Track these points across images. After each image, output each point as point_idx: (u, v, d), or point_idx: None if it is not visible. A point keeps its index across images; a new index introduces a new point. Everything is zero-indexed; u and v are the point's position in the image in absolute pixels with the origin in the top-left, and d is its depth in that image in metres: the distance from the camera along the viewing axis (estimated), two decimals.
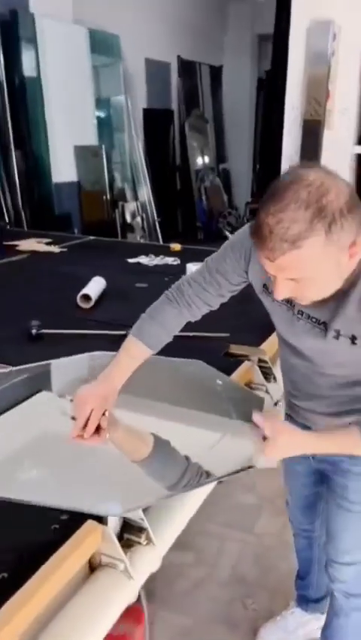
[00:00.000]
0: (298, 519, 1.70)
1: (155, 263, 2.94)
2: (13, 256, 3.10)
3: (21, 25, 4.92)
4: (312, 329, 1.16)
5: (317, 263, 0.95)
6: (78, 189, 5.79)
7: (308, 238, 0.91)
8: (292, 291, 1.02)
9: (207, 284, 1.33)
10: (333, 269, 0.98)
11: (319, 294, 1.05)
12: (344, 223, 0.92)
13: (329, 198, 0.91)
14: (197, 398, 1.59)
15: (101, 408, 1.27)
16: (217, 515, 2.50)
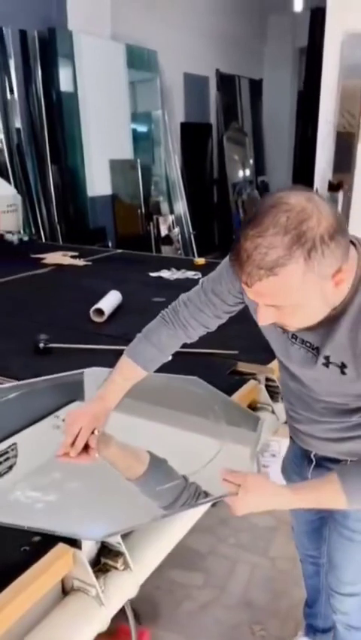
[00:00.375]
0: (304, 544, 1.65)
1: (176, 277, 2.93)
2: (37, 269, 3.14)
3: (59, 42, 5.03)
4: (305, 354, 1.12)
5: (296, 291, 0.91)
6: (113, 203, 5.85)
7: (286, 265, 0.87)
8: (275, 317, 0.98)
9: (203, 305, 1.30)
10: (316, 297, 0.94)
11: (304, 322, 1.02)
12: (325, 250, 0.87)
13: (309, 224, 0.87)
14: (192, 417, 1.57)
15: (90, 427, 1.26)
16: (230, 536, 2.45)
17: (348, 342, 1.03)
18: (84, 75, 5.25)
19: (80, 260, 3.35)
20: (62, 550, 1.00)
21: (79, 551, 1.02)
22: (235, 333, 2.08)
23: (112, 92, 5.64)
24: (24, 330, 2.11)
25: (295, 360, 1.16)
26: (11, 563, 0.97)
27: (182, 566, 2.26)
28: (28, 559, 0.97)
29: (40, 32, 4.98)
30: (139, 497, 1.22)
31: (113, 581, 1.06)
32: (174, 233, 6.25)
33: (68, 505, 1.16)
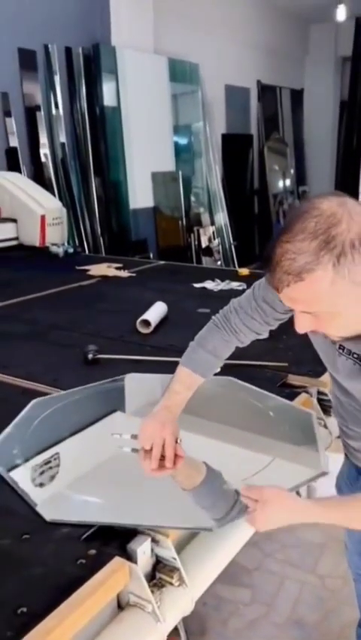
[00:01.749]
0: (356, 563, 1.60)
1: (220, 288, 2.91)
2: (83, 281, 3.17)
3: (103, 58, 5.12)
4: (353, 366, 1.08)
5: (327, 297, 0.88)
6: (154, 215, 5.89)
7: (314, 271, 0.86)
8: (312, 324, 0.96)
9: (253, 311, 1.29)
10: (352, 305, 0.90)
11: (344, 331, 0.98)
12: (357, 256, 0.85)
13: (338, 229, 0.85)
14: (243, 418, 1.56)
15: (173, 436, 1.24)
16: (278, 552, 2.40)
17: None
18: (127, 89, 5.32)
19: (124, 271, 3.37)
20: (118, 564, 0.98)
21: (135, 565, 1.00)
22: (285, 344, 2.06)
23: (154, 105, 5.70)
24: (73, 341, 2.12)
25: (342, 372, 1.13)
26: (68, 576, 0.96)
27: (228, 581, 2.23)
28: (84, 572, 0.96)
29: (85, 49, 5.08)
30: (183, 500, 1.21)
31: (168, 597, 1.04)
32: (214, 245, 6.25)
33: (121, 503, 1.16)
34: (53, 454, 1.33)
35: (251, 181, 7.74)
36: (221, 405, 1.69)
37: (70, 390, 1.68)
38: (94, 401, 1.66)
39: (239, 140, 7.38)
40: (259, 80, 7.48)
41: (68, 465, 1.31)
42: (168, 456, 1.21)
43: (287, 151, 8.10)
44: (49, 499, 1.19)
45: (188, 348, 1.37)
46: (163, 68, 5.75)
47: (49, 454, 1.32)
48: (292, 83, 8.24)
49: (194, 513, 1.14)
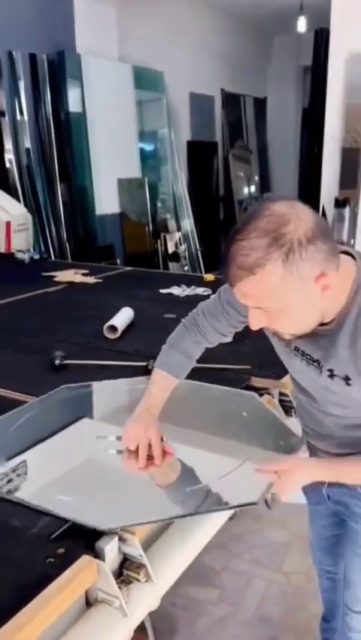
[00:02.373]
0: (321, 560, 1.64)
1: (186, 293, 2.96)
2: (49, 287, 3.18)
3: (68, 65, 5.14)
4: (308, 366, 1.15)
5: (277, 292, 0.95)
6: (121, 221, 5.92)
7: (264, 266, 0.92)
8: (265, 321, 1.02)
9: (219, 314, 1.36)
10: (301, 300, 0.97)
11: (294, 328, 1.05)
12: (303, 253, 0.92)
13: (287, 228, 0.92)
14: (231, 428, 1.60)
15: (157, 435, 1.32)
16: (245, 552, 2.45)
17: (349, 356, 1.06)
18: (92, 96, 5.35)
19: (90, 277, 3.39)
20: (86, 562, 1.01)
21: (102, 563, 1.03)
22: (248, 348, 2.11)
23: (120, 112, 5.73)
24: (40, 347, 2.14)
25: (299, 372, 1.20)
26: (37, 575, 0.98)
27: (197, 582, 2.27)
28: (53, 571, 0.99)
29: (50, 55, 5.09)
30: (159, 497, 1.26)
31: (135, 593, 1.08)
32: (181, 250, 6.31)
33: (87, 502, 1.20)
34: (20, 462, 1.34)
35: (216, 187, 7.84)
36: (184, 409, 1.74)
37: (34, 401, 1.68)
38: (61, 408, 1.68)
39: (204, 147, 7.47)
40: (223, 88, 7.58)
41: (36, 473, 1.32)
42: (157, 454, 1.30)
43: (251, 158, 8.22)
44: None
45: (161, 352, 1.44)
46: (128, 75, 5.80)
47: (15, 462, 1.33)
48: (255, 92, 8.38)
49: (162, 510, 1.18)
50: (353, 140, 4.25)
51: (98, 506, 1.18)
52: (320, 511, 1.49)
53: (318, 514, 1.51)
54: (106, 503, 1.20)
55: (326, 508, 1.43)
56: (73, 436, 1.52)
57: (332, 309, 1.03)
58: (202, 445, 1.48)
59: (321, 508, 1.46)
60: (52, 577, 0.98)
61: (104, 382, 1.81)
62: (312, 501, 1.49)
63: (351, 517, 1.33)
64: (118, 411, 1.77)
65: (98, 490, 1.26)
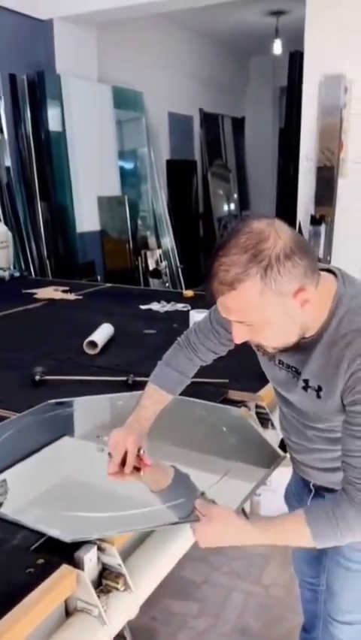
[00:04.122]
0: (303, 571, 1.65)
1: (165, 309, 3.00)
2: (30, 304, 3.19)
3: (48, 85, 5.19)
4: (290, 378, 1.18)
5: (257, 306, 0.98)
6: (101, 238, 5.96)
7: (244, 281, 0.96)
8: (247, 335, 1.06)
9: (209, 333, 1.40)
10: (280, 315, 1.00)
11: (276, 341, 1.08)
12: (281, 268, 0.95)
13: (266, 245, 0.95)
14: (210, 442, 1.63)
15: (136, 445, 1.35)
16: (224, 565, 2.47)
17: (322, 365, 1.09)
18: (72, 116, 5.41)
19: (71, 294, 3.41)
20: (65, 572, 1.04)
21: (82, 572, 1.06)
22: (225, 362, 2.15)
23: (99, 131, 5.80)
24: (20, 363, 2.16)
25: (283, 384, 1.22)
26: (16, 584, 1.00)
27: (177, 595, 2.28)
28: (32, 580, 1.01)
29: (30, 75, 5.15)
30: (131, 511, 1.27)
31: (114, 602, 1.10)
32: (162, 267, 6.36)
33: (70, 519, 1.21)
34: (0, 481, 1.35)
35: (196, 205, 7.93)
36: (167, 424, 1.77)
37: (14, 418, 1.70)
38: (42, 426, 1.69)
39: (183, 165, 7.57)
40: (201, 108, 7.71)
41: (16, 492, 1.33)
42: (128, 463, 1.33)
43: (230, 176, 8.34)
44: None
45: (156, 367, 1.48)
46: (107, 95, 5.88)
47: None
48: (233, 111, 8.53)
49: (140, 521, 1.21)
50: (326, 159, 4.36)
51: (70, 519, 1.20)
52: None
53: None
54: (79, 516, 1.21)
55: None
56: (53, 454, 1.53)
57: (314, 323, 1.07)
58: (182, 460, 1.49)
59: None
60: (31, 586, 1.00)
61: (85, 398, 1.83)
62: (295, 508, 1.51)
63: None
64: (99, 428, 1.78)
65: (73, 505, 1.28)
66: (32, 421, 1.69)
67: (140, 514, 1.22)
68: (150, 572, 1.21)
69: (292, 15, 6.35)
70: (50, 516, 1.21)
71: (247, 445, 1.59)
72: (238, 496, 1.27)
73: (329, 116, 4.32)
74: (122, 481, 1.33)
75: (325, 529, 1.06)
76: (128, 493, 1.35)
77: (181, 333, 1.51)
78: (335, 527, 1.05)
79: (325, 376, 1.09)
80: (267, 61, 8.26)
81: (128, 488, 1.35)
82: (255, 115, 8.86)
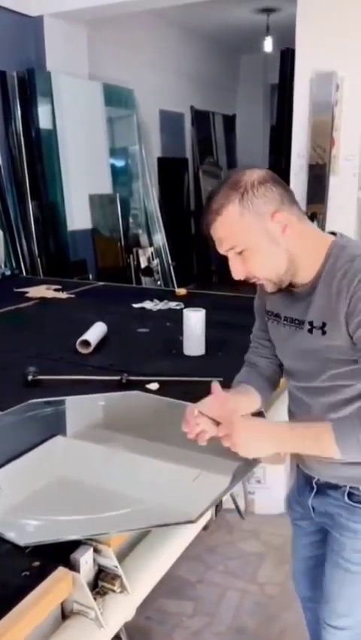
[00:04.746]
0: (301, 585, 1.60)
1: (158, 308, 2.98)
2: (21, 303, 3.17)
3: (38, 82, 5.16)
4: (293, 331, 1.23)
5: (240, 228, 1.12)
6: (93, 236, 5.93)
7: (226, 206, 1.11)
8: (242, 268, 1.16)
9: (260, 348, 1.44)
10: (263, 237, 1.13)
11: (267, 269, 1.17)
12: (256, 192, 1.11)
13: (243, 177, 1.13)
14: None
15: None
16: (218, 564, 2.47)
17: (324, 302, 1.15)
18: (63, 113, 5.38)
19: (63, 293, 3.40)
20: (61, 574, 1.03)
21: (78, 575, 1.05)
22: (219, 361, 2.15)
23: (90, 128, 5.77)
24: (12, 363, 2.14)
25: (286, 342, 1.27)
26: (12, 588, 0.99)
27: (172, 595, 2.27)
28: (28, 584, 1.00)
29: (20, 72, 5.11)
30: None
31: (111, 603, 1.09)
32: (153, 265, 6.35)
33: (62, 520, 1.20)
34: None
35: (187, 203, 7.92)
36: (144, 420, 1.76)
37: (2, 413, 1.68)
38: (33, 425, 1.68)
39: (174, 163, 7.55)
40: (192, 105, 7.70)
41: (8, 492, 1.32)
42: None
43: (221, 174, 8.33)
44: None
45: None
46: (98, 93, 5.85)
47: None
48: (224, 109, 8.52)
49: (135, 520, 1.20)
50: (318, 157, 4.36)
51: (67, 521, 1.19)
52: (303, 528, 1.48)
53: (301, 532, 1.50)
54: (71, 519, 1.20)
55: (310, 524, 1.44)
56: (45, 453, 1.52)
57: (310, 268, 1.17)
58: (165, 456, 1.50)
59: (305, 524, 1.46)
60: (27, 590, 0.99)
61: (77, 397, 1.82)
62: (295, 517, 1.49)
63: (336, 528, 1.33)
64: (91, 427, 1.78)
65: (58, 505, 1.27)
66: (23, 420, 1.68)
67: (118, 515, 1.20)
68: (146, 573, 1.20)
69: (282, 12, 6.35)
70: (26, 517, 1.20)
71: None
72: (221, 487, 1.28)
73: (321, 114, 4.31)
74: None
75: (348, 430, 1.10)
76: (120, 490, 1.34)
77: (174, 331, 1.52)
78: (358, 430, 1.09)
79: (328, 310, 1.14)
80: (258, 58, 8.25)
81: (119, 485, 1.36)
82: (246, 112, 8.86)
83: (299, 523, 1.49)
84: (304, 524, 1.46)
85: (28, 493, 1.33)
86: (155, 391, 1.88)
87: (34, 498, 1.31)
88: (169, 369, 2.08)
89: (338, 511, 1.31)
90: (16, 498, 1.31)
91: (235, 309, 2.69)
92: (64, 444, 1.61)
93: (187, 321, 2.22)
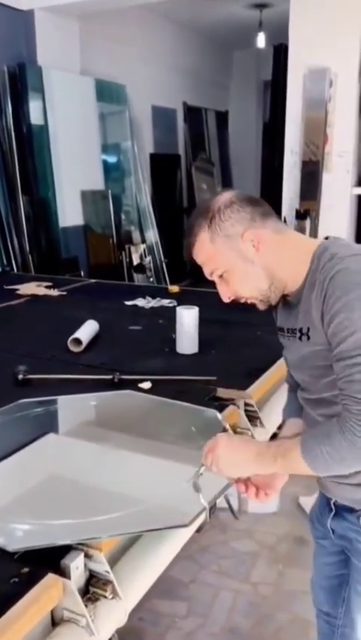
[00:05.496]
0: (320, 599, 1.51)
1: (151, 305, 2.95)
2: (12, 300, 3.13)
3: (29, 77, 5.10)
4: (291, 342, 1.21)
5: (214, 253, 1.16)
6: (85, 233, 5.89)
7: (199, 233, 1.16)
8: (227, 290, 1.20)
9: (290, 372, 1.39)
10: (237, 258, 1.15)
11: (247, 288, 1.18)
12: (222, 216, 1.14)
13: (212, 204, 1.17)
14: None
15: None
16: (211, 563, 2.45)
17: (306, 308, 1.12)
18: (54, 108, 5.32)
19: (54, 290, 3.36)
20: (51, 581, 1.00)
21: (68, 581, 1.02)
22: (214, 359, 2.13)
23: (82, 124, 5.72)
24: (2, 362, 2.10)
25: (288, 353, 1.26)
26: (1, 595, 0.96)
27: (165, 595, 2.25)
28: (17, 590, 0.97)
29: (10, 67, 5.05)
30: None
31: (102, 610, 1.06)
32: (145, 262, 6.32)
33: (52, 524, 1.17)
34: None
35: (180, 199, 7.88)
36: (137, 419, 1.74)
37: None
38: (25, 424, 1.65)
39: (167, 159, 7.51)
40: (185, 101, 7.66)
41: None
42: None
43: (214, 170, 8.31)
44: None
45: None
46: (90, 88, 5.80)
47: None
48: (217, 105, 8.49)
49: (127, 524, 1.18)
50: (311, 153, 4.34)
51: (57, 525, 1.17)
52: (325, 547, 1.41)
53: (322, 551, 1.43)
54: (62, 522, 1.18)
55: (331, 544, 1.37)
56: (37, 451, 1.49)
57: (297, 275, 1.15)
58: (158, 455, 1.48)
59: (326, 543, 1.39)
60: (16, 597, 0.96)
61: (68, 397, 1.79)
62: (317, 535, 1.43)
63: (354, 553, 1.28)
64: (84, 425, 1.75)
65: (58, 506, 1.24)
66: (14, 419, 1.65)
67: (110, 519, 1.18)
68: (138, 578, 1.17)
69: (276, 8, 6.31)
70: (16, 521, 1.17)
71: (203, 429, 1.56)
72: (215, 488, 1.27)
73: (314, 110, 4.29)
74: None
75: (312, 446, 1.07)
76: (112, 489, 1.33)
77: (167, 329, 1.50)
78: (321, 445, 1.05)
79: (309, 314, 1.12)
80: (251, 54, 8.22)
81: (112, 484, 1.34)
82: (239, 109, 8.83)
83: (321, 542, 1.43)
84: (326, 544, 1.40)
85: (18, 493, 1.31)
86: (147, 390, 1.85)
87: (25, 499, 1.29)
88: (162, 367, 2.06)
89: (355, 536, 1.26)
90: (6, 499, 1.28)
91: (228, 307, 2.66)
92: (55, 442, 1.58)
93: (180, 319, 2.19)
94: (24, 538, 1.11)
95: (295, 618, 2.14)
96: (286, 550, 2.54)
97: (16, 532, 1.13)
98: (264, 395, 1.93)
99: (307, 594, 1.57)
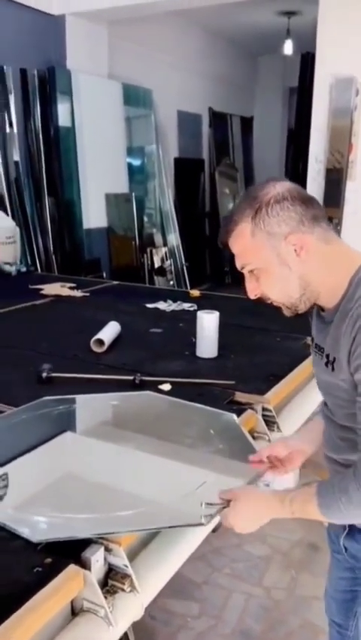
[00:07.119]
0: (332, 610, 1.50)
1: (172, 308, 2.99)
2: (36, 300, 3.19)
3: (58, 80, 5.20)
4: (318, 359, 1.17)
5: (252, 247, 1.08)
6: (108, 235, 5.96)
7: (239, 223, 1.08)
8: (256, 287, 1.12)
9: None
10: (274, 259, 1.07)
11: (277, 291, 1.11)
12: (270, 211, 1.05)
13: (261, 193, 1.07)
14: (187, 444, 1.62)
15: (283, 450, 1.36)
16: (225, 566, 2.47)
17: (336, 335, 1.07)
18: (82, 111, 5.41)
19: (78, 291, 3.41)
20: (73, 572, 1.04)
21: (89, 573, 1.06)
22: (232, 364, 2.16)
23: (108, 127, 5.80)
24: (27, 360, 2.16)
25: (318, 372, 1.21)
26: (24, 584, 1.01)
27: (177, 595, 2.28)
28: (40, 580, 1.01)
29: (40, 71, 5.15)
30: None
31: (120, 603, 1.10)
32: (166, 265, 6.37)
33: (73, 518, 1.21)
34: (2, 474, 1.35)
35: (203, 204, 7.93)
36: (154, 420, 1.77)
37: (17, 409, 1.70)
38: (44, 421, 1.69)
39: (191, 163, 7.57)
40: (210, 107, 7.71)
41: (17, 486, 1.34)
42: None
43: (237, 176, 8.33)
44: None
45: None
46: (117, 92, 5.88)
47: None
48: (242, 111, 8.52)
49: (145, 520, 1.21)
50: (336, 161, 4.35)
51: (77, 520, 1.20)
52: (340, 561, 1.38)
53: (337, 564, 1.41)
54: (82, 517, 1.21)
55: (344, 559, 1.35)
56: (56, 449, 1.53)
57: (332, 291, 1.08)
58: (176, 457, 1.51)
59: (340, 558, 1.36)
60: (39, 586, 1.00)
61: (89, 396, 1.83)
62: (333, 549, 1.41)
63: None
64: (102, 425, 1.79)
65: (68, 502, 1.28)
66: (34, 416, 1.69)
67: (129, 515, 1.21)
68: (155, 574, 1.21)
69: (304, 16, 6.33)
70: (38, 514, 1.21)
71: (235, 447, 1.57)
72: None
73: (340, 118, 4.30)
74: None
75: (329, 499, 1.07)
76: (130, 489, 1.36)
77: (187, 333, 1.50)
78: (338, 500, 1.05)
79: (337, 345, 1.07)
80: (277, 61, 8.24)
81: (130, 483, 1.37)
82: (263, 115, 8.86)
83: (336, 556, 1.40)
84: (340, 558, 1.37)
85: (40, 488, 1.35)
86: (167, 392, 1.88)
87: (46, 493, 1.33)
88: (182, 370, 2.09)
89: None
90: (28, 492, 1.33)
91: (248, 312, 2.70)
92: (74, 440, 1.62)
93: (201, 323, 2.22)
94: (47, 531, 1.15)
95: (306, 624, 2.15)
96: (300, 556, 2.55)
97: (39, 524, 1.17)
98: (282, 400, 1.95)
99: (318, 600, 1.59)
